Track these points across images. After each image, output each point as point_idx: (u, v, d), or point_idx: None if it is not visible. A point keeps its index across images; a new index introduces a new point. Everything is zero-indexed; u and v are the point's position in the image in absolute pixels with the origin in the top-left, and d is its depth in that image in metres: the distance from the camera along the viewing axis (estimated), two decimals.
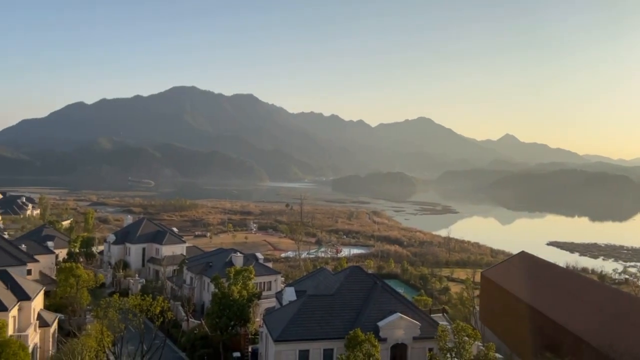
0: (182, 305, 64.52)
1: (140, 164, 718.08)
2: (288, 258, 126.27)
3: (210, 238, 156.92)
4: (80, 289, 58.63)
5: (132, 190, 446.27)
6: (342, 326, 41.74)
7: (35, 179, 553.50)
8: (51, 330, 50.51)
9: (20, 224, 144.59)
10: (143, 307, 42.64)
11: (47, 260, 77.75)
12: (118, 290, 77.67)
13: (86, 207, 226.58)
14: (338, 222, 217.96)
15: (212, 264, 73.33)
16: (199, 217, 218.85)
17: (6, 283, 48.23)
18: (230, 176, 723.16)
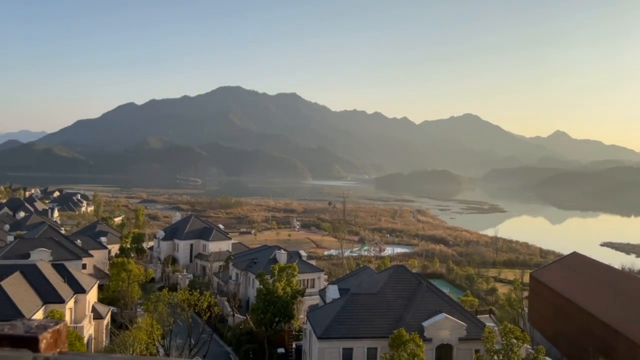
0: (228, 300, 65.81)
1: (188, 162, 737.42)
2: (331, 256, 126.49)
3: (254, 235, 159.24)
4: (132, 283, 60.80)
5: (180, 188, 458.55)
6: (385, 325, 41.48)
7: (89, 177, 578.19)
8: (105, 322, 52.67)
9: (76, 220, 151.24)
10: (191, 302, 43.81)
11: (100, 255, 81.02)
12: (167, 284, 80.00)
13: (137, 205, 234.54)
14: (381, 221, 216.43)
15: (257, 260, 74.42)
16: (244, 215, 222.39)
17: (63, 276, 50.71)
18: (273, 174, 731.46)
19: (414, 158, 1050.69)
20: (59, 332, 1.68)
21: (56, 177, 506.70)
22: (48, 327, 1.67)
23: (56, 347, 1.65)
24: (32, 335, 1.60)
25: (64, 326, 1.73)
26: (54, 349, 1.64)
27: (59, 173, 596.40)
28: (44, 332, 1.62)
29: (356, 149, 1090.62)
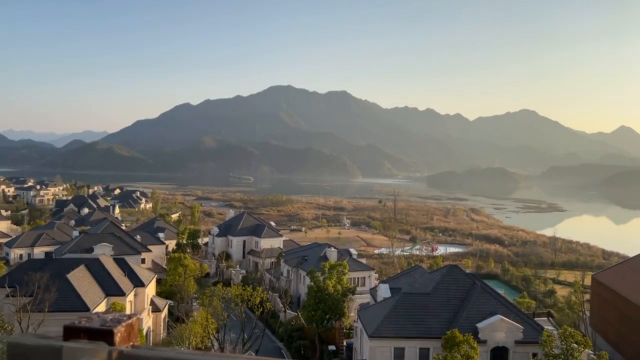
0: (279, 296, 66.70)
1: (240, 161, 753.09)
2: (382, 255, 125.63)
3: (305, 232, 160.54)
4: (188, 278, 62.74)
5: (233, 186, 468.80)
6: (438, 326, 40.78)
7: (147, 175, 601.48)
8: (162, 315, 54.65)
9: (135, 217, 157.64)
10: (244, 297, 44.72)
11: (158, 250, 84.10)
12: (221, 280, 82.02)
13: (192, 202, 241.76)
14: (433, 220, 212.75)
15: (308, 257, 74.96)
16: (294, 212, 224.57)
17: (124, 270, 53.01)
18: (323, 172, 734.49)
19: (468, 155, 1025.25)
20: (132, 326, 1.73)
21: (117, 175, 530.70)
22: (122, 320, 1.71)
23: (129, 340, 1.70)
24: (108, 328, 1.65)
25: (136, 320, 1.78)
26: (127, 342, 1.69)
27: (120, 171, 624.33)
28: (119, 326, 1.67)
29: (407, 146, 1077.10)
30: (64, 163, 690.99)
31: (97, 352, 1.59)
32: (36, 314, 39.57)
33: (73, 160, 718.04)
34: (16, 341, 1.59)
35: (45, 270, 44.14)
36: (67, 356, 1.55)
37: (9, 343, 1.59)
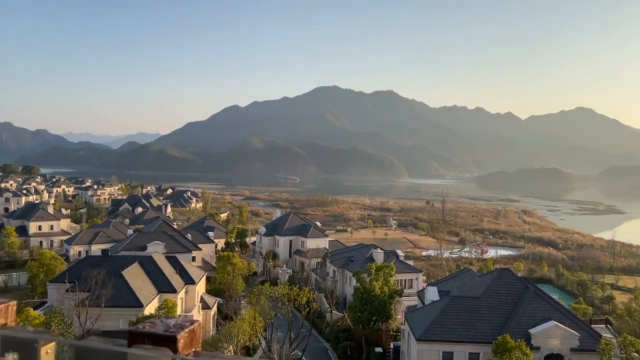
0: (325, 297, 66.78)
1: (287, 161, 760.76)
2: (429, 257, 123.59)
3: (350, 233, 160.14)
4: (236, 276, 63.82)
5: (279, 186, 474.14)
6: (489, 330, 39.64)
7: (198, 175, 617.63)
8: (212, 313, 55.84)
9: (186, 216, 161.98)
10: (291, 297, 45.01)
11: (208, 248, 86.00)
12: (268, 279, 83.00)
13: (240, 201, 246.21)
14: (483, 221, 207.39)
15: (354, 258, 74.69)
16: (340, 213, 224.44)
17: (175, 268, 54.52)
18: (369, 172, 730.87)
19: (520, 155, 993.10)
20: (194, 332, 1.75)
21: (169, 176, 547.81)
22: (184, 326, 1.74)
23: (192, 346, 1.72)
24: (171, 334, 1.67)
25: (198, 326, 1.80)
26: (190, 348, 1.71)
27: (171, 172, 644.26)
28: (181, 332, 1.69)
29: (456, 146, 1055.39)
30: (119, 164, 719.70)
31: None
32: (93, 308, 41.31)
33: (128, 161, 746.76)
34: (84, 345, 1.63)
35: (101, 267, 46.06)
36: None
37: (76, 346, 1.63)
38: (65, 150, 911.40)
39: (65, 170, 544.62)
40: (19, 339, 1.78)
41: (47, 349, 1.72)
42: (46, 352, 1.72)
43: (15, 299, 11.44)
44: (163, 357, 1.61)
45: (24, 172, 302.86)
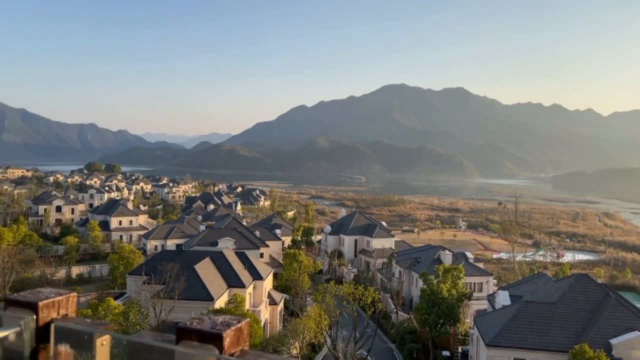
0: (391, 297, 66.15)
1: (353, 160, 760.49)
2: (501, 259, 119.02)
3: (417, 234, 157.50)
4: (302, 274, 64.69)
5: (345, 185, 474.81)
6: (564, 339, 37.58)
7: (266, 174, 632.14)
8: (278, 309, 56.94)
9: (255, 213, 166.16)
10: (356, 296, 44.98)
11: (275, 245, 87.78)
12: (333, 277, 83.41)
13: (307, 200, 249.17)
14: (560, 224, 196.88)
15: (420, 259, 73.42)
16: (407, 213, 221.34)
17: (244, 263, 56.08)
18: (437, 172, 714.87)
19: (600, 154, 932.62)
20: (241, 330, 1.72)
21: (239, 174, 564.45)
22: (231, 324, 1.71)
23: (238, 345, 1.70)
24: (218, 332, 1.65)
25: (245, 324, 1.77)
26: (237, 346, 1.69)
27: (241, 170, 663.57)
28: (228, 330, 1.67)
29: (531, 144, 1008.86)
30: (193, 163, 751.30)
31: (207, 359, 1.62)
32: (168, 300, 43.38)
33: (201, 160, 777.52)
34: (136, 340, 1.67)
35: (175, 261, 48.24)
36: (179, 358, 1.61)
37: (129, 341, 1.67)
38: (143, 150, 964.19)
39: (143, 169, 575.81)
40: (78, 331, 1.85)
41: (102, 340, 1.78)
42: (101, 344, 1.78)
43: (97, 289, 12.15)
44: (210, 357, 1.63)
45: (107, 170, 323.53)
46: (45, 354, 1.91)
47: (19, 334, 1.88)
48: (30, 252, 76.98)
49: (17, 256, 67.26)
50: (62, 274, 76.43)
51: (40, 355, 1.90)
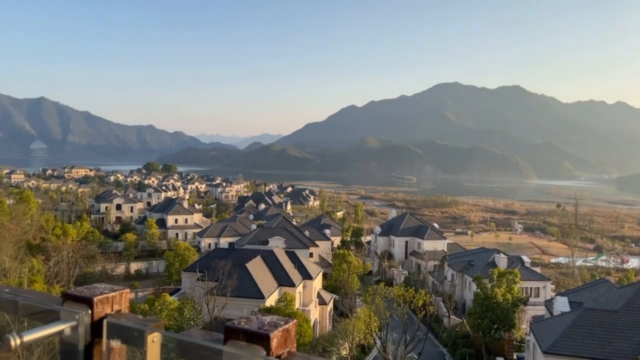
0: (443, 301, 64.85)
1: (403, 161, 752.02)
2: (559, 264, 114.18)
3: (471, 236, 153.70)
4: (351, 275, 64.51)
5: (395, 186, 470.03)
6: (628, 349, 35.47)
7: (315, 174, 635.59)
8: (328, 309, 57.04)
9: (305, 213, 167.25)
10: (406, 298, 44.38)
11: (324, 245, 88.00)
12: (383, 279, 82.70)
13: (356, 200, 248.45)
14: (624, 228, 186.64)
15: (474, 263, 71.59)
16: (460, 214, 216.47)
17: (294, 262, 56.55)
18: (492, 173, 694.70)
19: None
20: (289, 331, 1.70)
21: (289, 174, 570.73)
22: (279, 325, 1.69)
23: (286, 346, 1.68)
24: (265, 332, 1.64)
25: (293, 325, 1.74)
26: (284, 348, 1.68)
27: (291, 170, 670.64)
28: (275, 330, 1.66)
29: (592, 144, 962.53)
30: (245, 163, 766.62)
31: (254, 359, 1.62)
32: (220, 297, 44.38)
33: (252, 160, 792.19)
34: (185, 339, 1.69)
35: (228, 259, 49.28)
36: (226, 358, 1.62)
37: (179, 340, 1.70)
38: (198, 151, 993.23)
39: (198, 169, 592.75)
40: (130, 327, 1.88)
41: (153, 337, 1.81)
42: (152, 341, 1.80)
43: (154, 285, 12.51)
44: (256, 357, 1.62)
45: (164, 170, 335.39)
46: (99, 348, 1.95)
47: (74, 328, 1.93)
48: (93, 248, 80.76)
49: (80, 252, 70.72)
50: (121, 269, 79.84)
51: (95, 349, 1.94)
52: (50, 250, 66.70)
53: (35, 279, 54.20)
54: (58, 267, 62.71)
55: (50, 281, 59.37)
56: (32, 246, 69.29)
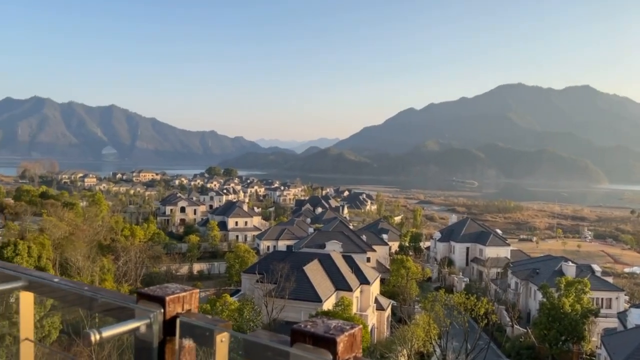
0: (506, 309, 62.50)
1: (464, 164, 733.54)
2: (634, 274, 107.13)
3: (536, 243, 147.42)
4: (410, 280, 63.53)
5: (456, 190, 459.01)
6: None
7: (372, 178, 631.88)
8: (385, 315, 56.42)
9: (362, 217, 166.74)
10: (467, 306, 43.16)
11: (382, 250, 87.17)
12: (443, 285, 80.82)
13: (414, 205, 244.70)
14: None
15: (539, 271, 68.58)
16: (524, 220, 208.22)
17: (351, 267, 56.39)
18: (559, 177, 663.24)
19: None
20: (355, 337, 1.69)
21: (346, 178, 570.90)
22: (345, 329, 1.69)
23: (352, 351, 1.68)
24: (331, 336, 1.64)
25: (359, 331, 1.73)
26: (350, 353, 1.66)
27: (348, 174, 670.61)
28: (341, 335, 1.65)
29: None
30: (302, 167, 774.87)
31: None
32: (279, 299, 44.97)
33: (310, 164, 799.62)
34: (253, 339, 1.71)
35: (286, 262, 49.88)
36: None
37: (246, 340, 1.72)
38: (257, 155, 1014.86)
39: (257, 173, 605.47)
40: (200, 326, 1.92)
41: (221, 337, 1.84)
42: (221, 340, 1.84)
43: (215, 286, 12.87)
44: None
45: (225, 174, 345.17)
46: (171, 346, 2.00)
47: (149, 326, 2.00)
48: (158, 249, 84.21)
49: (147, 252, 73.97)
50: (185, 269, 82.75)
51: (167, 347, 2.00)
52: (119, 251, 70.20)
53: (105, 278, 57.22)
54: (126, 266, 65.91)
55: (119, 280, 62.48)
56: (103, 246, 73.15)
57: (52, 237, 61.53)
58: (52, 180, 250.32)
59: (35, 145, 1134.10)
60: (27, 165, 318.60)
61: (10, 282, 2.50)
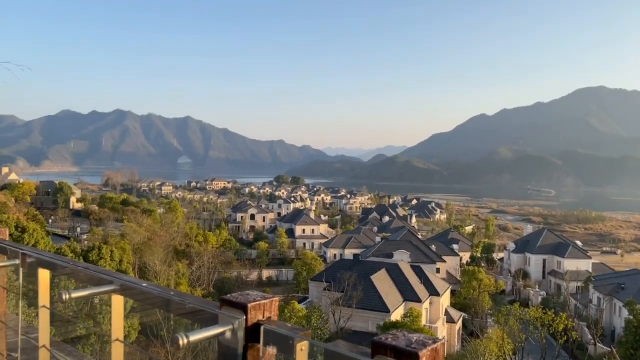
0: (588, 326, 58.60)
1: (540, 172, 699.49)
2: None
3: (621, 256, 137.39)
4: (482, 293, 61.29)
5: (531, 199, 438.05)
6: None
7: (442, 186, 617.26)
8: (457, 327, 54.68)
9: (431, 227, 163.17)
10: (545, 322, 40.94)
11: (452, 261, 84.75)
12: (518, 299, 77.25)
13: (487, 215, 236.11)
14: None
15: (625, 286, 63.76)
16: (607, 232, 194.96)
17: (420, 278, 55.24)
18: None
19: None
20: (437, 351, 1.67)
21: (414, 187, 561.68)
22: (427, 344, 1.66)
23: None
24: (414, 350, 1.61)
25: (441, 346, 1.70)
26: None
27: (416, 183, 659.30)
28: (424, 349, 1.62)
29: None
30: (369, 175, 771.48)
31: None
32: (346, 308, 44.84)
33: (376, 172, 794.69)
34: (333, 349, 1.71)
35: (353, 270, 49.71)
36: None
37: (327, 350, 1.72)
38: (324, 164, 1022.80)
39: (324, 181, 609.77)
40: (281, 334, 1.94)
41: (301, 346, 1.85)
42: (301, 349, 1.84)
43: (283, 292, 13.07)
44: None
45: (293, 183, 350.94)
46: (253, 353, 2.03)
47: (233, 332, 2.04)
48: (230, 255, 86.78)
49: (219, 258, 76.51)
50: (254, 276, 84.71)
51: (249, 354, 2.03)
52: (194, 256, 73.09)
53: (180, 282, 59.71)
54: (200, 271, 68.44)
55: (193, 284, 64.97)
56: (178, 252, 76.42)
57: (132, 242, 65.09)
58: (132, 188, 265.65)
59: (117, 155, 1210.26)
60: (110, 174, 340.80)
61: (105, 286, 2.67)
